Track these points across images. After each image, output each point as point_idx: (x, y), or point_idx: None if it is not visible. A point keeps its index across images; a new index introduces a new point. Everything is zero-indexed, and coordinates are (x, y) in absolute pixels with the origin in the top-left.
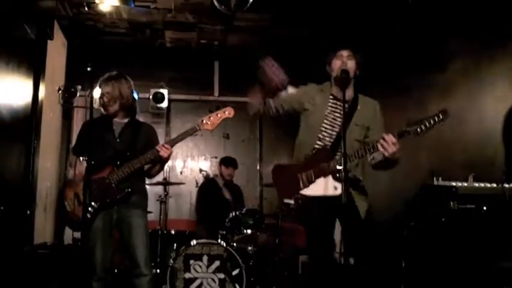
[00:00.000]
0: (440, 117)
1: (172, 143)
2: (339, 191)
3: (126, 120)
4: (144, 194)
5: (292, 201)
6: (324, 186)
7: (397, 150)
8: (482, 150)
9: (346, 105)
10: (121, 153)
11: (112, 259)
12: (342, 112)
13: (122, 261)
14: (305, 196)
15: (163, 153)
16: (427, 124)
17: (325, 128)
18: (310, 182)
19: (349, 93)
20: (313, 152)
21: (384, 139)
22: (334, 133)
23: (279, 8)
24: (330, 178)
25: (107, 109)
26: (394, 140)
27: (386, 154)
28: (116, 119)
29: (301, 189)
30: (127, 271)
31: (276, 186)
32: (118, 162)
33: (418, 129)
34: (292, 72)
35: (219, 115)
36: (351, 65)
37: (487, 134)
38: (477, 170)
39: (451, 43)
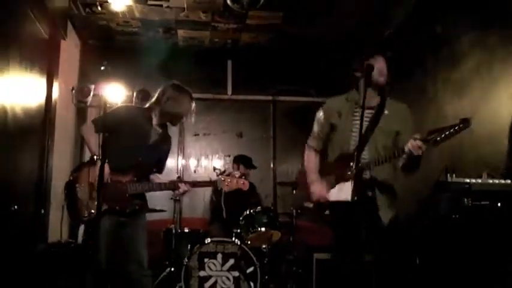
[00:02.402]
0: (461, 126)
1: (193, 185)
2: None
3: (160, 131)
4: (145, 198)
5: (310, 205)
6: (347, 191)
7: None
8: (496, 147)
9: (372, 111)
10: (147, 166)
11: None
12: (368, 119)
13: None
14: (326, 200)
15: (181, 192)
16: (447, 133)
17: (354, 136)
18: (331, 187)
19: (376, 99)
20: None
21: (411, 143)
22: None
23: (292, 6)
24: (350, 185)
25: (160, 119)
26: (420, 144)
27: (414, 154)
28: (154, 124)
29: None
30: (125, 271)
31: (301, 189)
32: (140, 175)
33: (438, 138)
34: (304, 70)
35: (235, 182)
36: (386, 75)
37: (501, 131)
38: (491, 166)
39: (465, 40)
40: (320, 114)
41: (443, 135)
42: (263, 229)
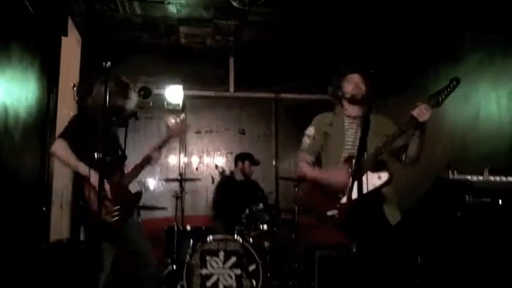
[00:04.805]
0: (454, 83)
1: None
2: (384, 178)
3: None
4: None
5: (335, 211)
6: (368, 183)
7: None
8: (497, 144)
9: (361, 120)
10: (124, 154)
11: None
12: (358, 126)
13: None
14: (350, 200)
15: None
16: (445, 93)
17: (349, 146)
18: (351, 189)
19: (363, 109)
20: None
21: (418, 109)
22: (356, 147)
23: (294, 2)
24: (369, 173)
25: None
26: (427, 107)
27: (420, 120)
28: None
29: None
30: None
31: (312, 204)
32: (125, 164)
33: (440, 99)
34: (306, 68)
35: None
36: (364, 89)
37: (503, 127)
38: (493, 163)
39: (466, 37)
40: (311, 128)
41: (443, 95)
42: (265, 227)
